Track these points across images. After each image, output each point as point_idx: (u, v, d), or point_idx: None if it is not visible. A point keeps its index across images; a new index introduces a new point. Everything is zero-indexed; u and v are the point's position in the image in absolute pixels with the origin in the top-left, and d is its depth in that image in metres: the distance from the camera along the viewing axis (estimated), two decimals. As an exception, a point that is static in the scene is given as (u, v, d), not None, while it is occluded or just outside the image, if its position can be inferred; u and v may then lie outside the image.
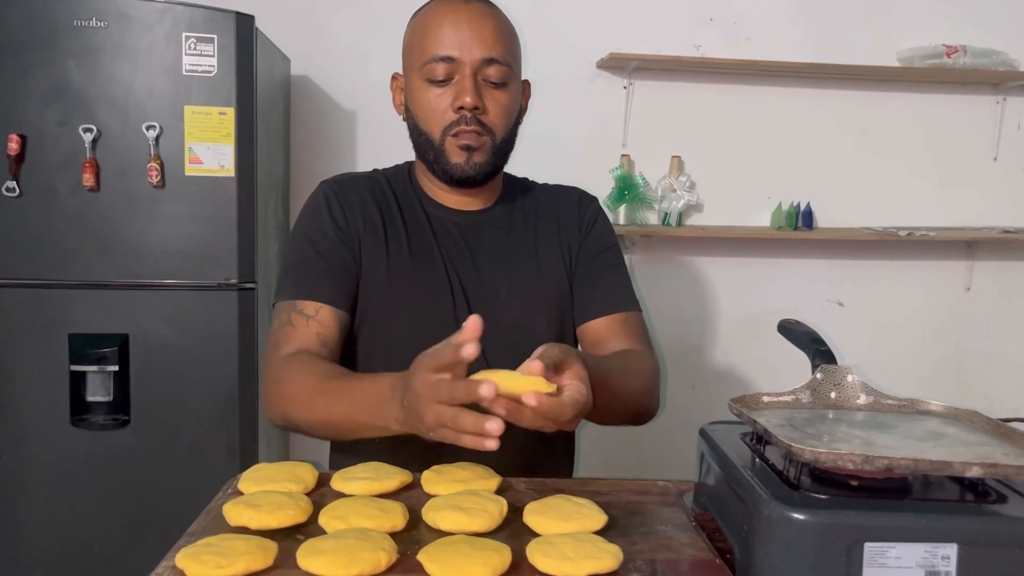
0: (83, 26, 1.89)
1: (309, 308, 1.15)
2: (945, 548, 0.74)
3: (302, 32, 2.52)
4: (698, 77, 2.70)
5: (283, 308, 1.17)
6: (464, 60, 1.14)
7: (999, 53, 2.68)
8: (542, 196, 1.34)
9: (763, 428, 0.86)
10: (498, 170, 1.24)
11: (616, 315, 1.25)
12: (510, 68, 1.18)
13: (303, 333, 1.14)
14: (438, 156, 1.19)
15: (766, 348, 2.73)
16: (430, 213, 1.26)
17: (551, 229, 1.29)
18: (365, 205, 1.23)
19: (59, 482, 1.99)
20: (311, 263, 1.19)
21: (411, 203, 1.26)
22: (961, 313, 2.90)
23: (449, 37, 1.15)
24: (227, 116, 1.95)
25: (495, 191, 1.30)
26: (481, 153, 1.18)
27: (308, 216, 1.24)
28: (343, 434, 1.06)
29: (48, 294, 1.95)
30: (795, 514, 0.75)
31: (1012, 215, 2.85)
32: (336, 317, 1.16)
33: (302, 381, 1.07)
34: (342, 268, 1.19)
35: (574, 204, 1.33)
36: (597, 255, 1.29)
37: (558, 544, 0.80)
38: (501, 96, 1.18)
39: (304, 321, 1.14)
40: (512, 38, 1.21)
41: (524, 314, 1.23)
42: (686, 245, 2.77)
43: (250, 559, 0.76)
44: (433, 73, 1.15)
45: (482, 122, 1.17)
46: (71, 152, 1.91)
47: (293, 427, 1.10)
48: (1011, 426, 0.89)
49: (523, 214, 1.30)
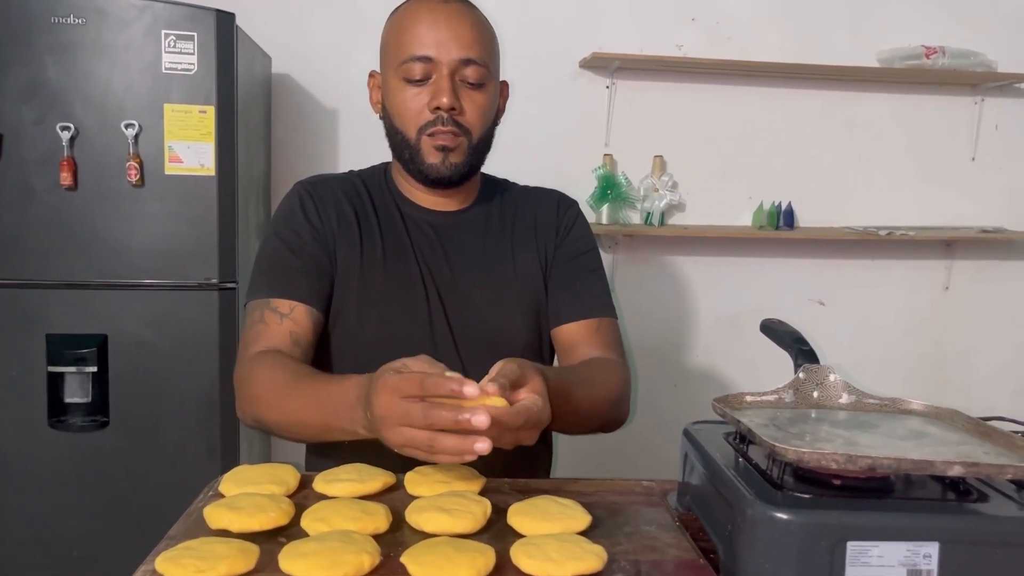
0: (60, 23, 1.87)
1: (283, 306, 1.14)
2: (927, 547, 0.75)
3: (283, 30, 2.51)
4: (680, 77, 2.71)
5: (256, 306, 1.16)
6: (441, 60, 1.14)
7: (977, 54, 2.71)
8: (520, 198, 1.33)
9: (746, 428, 0.86)
10: (474, 171, 1.24)
11: (589, 320, 1.24)
12: (487, 69, 1.17)
13: (276, 331, 1.13)
14: (414, 156, 1.18)
15: (748, 347, 2.75)
16: (405, 213, 1.25)
17: (528, 232, 1.28)
18: (340, 205, 1.22)
19: (36, 484, 1.96)
20: (286, 262, 1.18)
21: (386, 203, 1.26)
22: (940, 312, 2.93)
23: (427, 36, 1.14)
24: (207, 114, 1.93)
25: (472, 192, 1.29)
26: (457, 154, 1.17)
27: (283, 216, 1.23)
28: (313, 436, 1.06)
29: (25, 294, 1.93)
30: (778, 513, 0.75)
31: (990, 215, 2.88)
32: (310, 316, 1.16)
33: (270, 382, 1.06)
34: (316, 268, 1.18)
35: (553, 207, 1.32)
36: (574, 258, 1.28)
37: (542, 545, 0.79)
38: (478, 97, 1.17)
39: (278, 319, 1.14)
40: (490, 39, 1.20)
41: (499, 316, 1.22)
42: (668, 244, 2.78)
43: (231, 563, 0.75)
44: (410, 72, 1.15)
45: (458, 123, 1.16)
46: (48, 150, 1.89)
47: (264, 428, 1.09)
48: (991, 425, 0.90)
49: (500, 216, 1.29)
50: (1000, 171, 2.89)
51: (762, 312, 1.27)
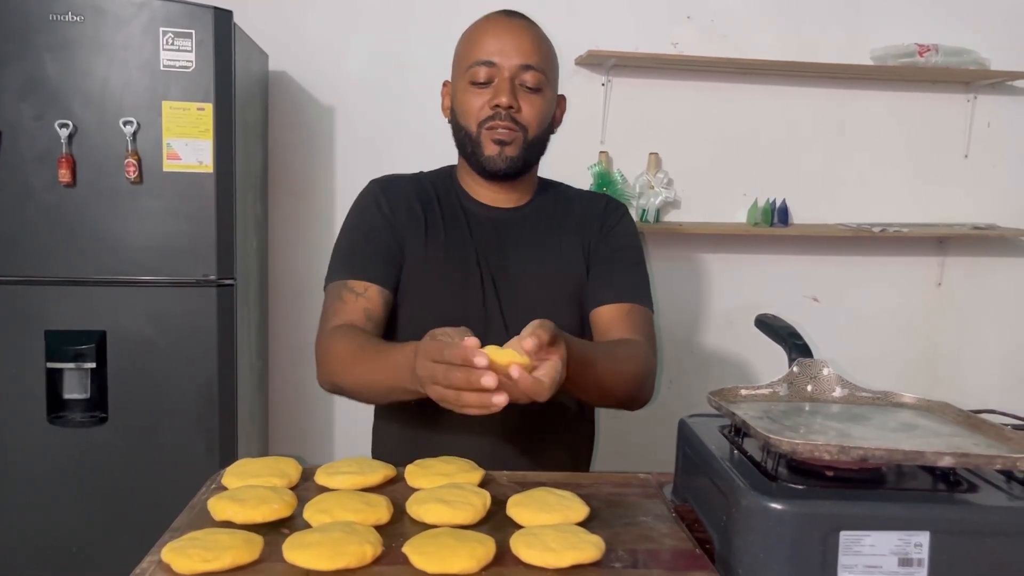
0: (58, 20, 1.87)
1: (358, 286, 1.28)
2: (918, 536, 0.76)
3: (280, 27, 2.51)
4: (675, 74, 2.72)
5: (335, 287, 1.29)
6: (503, 65, 1.27)
7: (970, 52, 2.73)
8: (573, 199, 1.45)
9: (741, 420, 0.87)
10: (529, 166, 1.35)
11: (623, 304, 1.34)
12: (545, 76, 1.30)
13: (352, 308, 1.26)
14: (475, 149, 1.30)
15: (743, 343, 2.77)
16: (467, 209, 1.37)
17: (576, 228, 1.39)
18: (410, 202, 1.35)
19: (36, 480, 1.97)
20: (360, 247, 1.32)
21: (451, 200, 1.38)
22: (933, 308, 2.95)
23: (491, 44, 1.28)
24: (205, 112, 1.94)
25: (528, 191, 1.41)
26: (513, 147, 1.29)
27: (358, 209, 1.37)
28: (382, 396, 1.19)
29: (24, 290, 1.93)
30: (773, 504, 0.76)
31: (982, 212, 2.90)
32: (382, 296, 1.28)
33: (345, 349, 1.19)
34: (387, 253, 1.31)
35: (601, 207, 1.43)
36: (616, 250, 1.39)
37: (541, 535, 0.81)
38: (535, 99, 1.29)
39: (353, 298, 1.27)
40: (549, 52, 1.34)
41: (546, 303, 1.31)
42: (663, 241, 2.79)
43: (236, 553, 0.76)
44: (475, 76, 1.28)
45: (516, 120, 1.28)
46: (47, 147, 1.89)
47: (339, 391, 1.22)
48: (981, 417, 0.91)
49: (552, 213, 1.40)
50: (993, 168, 2.91)
51: (757, 308, 1.29)
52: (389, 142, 2.53)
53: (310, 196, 2.57)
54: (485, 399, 0.89)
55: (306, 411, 2.64)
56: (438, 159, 1.48)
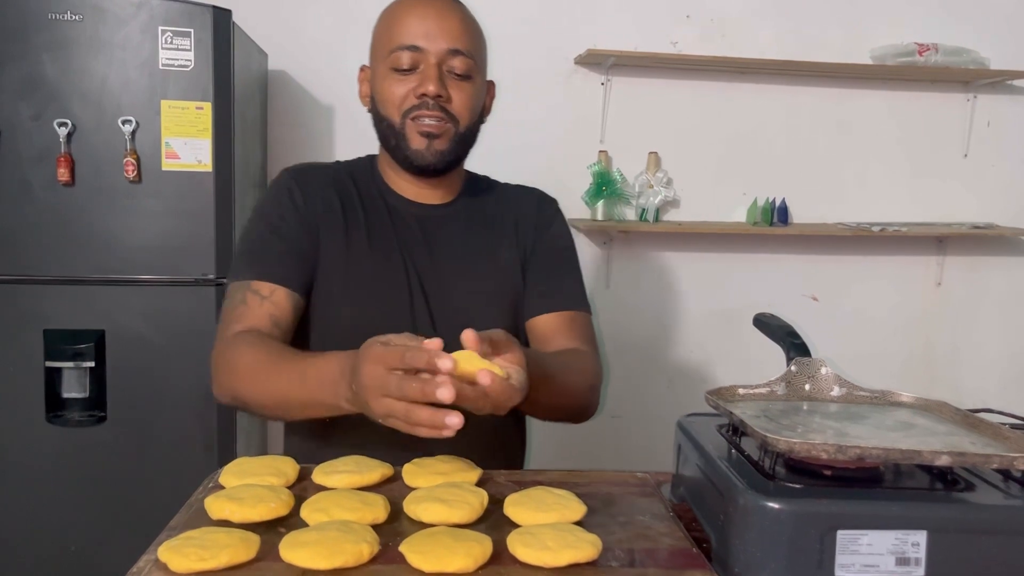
0: (57, 19, 1.87)
1: (264, 288, 1.15)
2: (915, 535, 0.76)
3: (279, 26, 2.51)
4: (675, 74, 2.72)
5: (237, 288, 1.17)
6: (429, 50, 1.16)
7: (970, 51, 2.73)
8: (502, 195, 1.35)
9: (739, 419, 0.87)
10: (459, 160, 1.25)
11: (564, 313, 1.26)
12: (474, 61, 1.19)
13: (256, 313, 1.14)
14: (399, 141, 1.20)
15: (741, 343, 2.76)
16: (390, 205, 1.26)
17: (509, 227, 1.30)
18: (327, 193, 1.24)
19: (34, 479, 1.97)
20: (269, 245, 1.19)
21: (372, 194, 1.27)
22: (932, 307, 2.95)
23: (416, 27, 1.17)
24: (204, 111, 1.94)
25: (456, 186, 1.31)
26: (443, 140, 1.19)
27: (269, 200, 1.25)
28: (292, 412, 1.06)
29: (23, 289, 1.93)
30: (770, 503, 0.76)
31: (981, 211, 2.90)
32: (290, 299, 1.16)
33: (252, 358, 1.07)
34: (299, 251, 1.19)
35: (533, 204, 1.34)
36: (552, 254, 1.31)
37: (538, 534, 0.81)
38: (465, 87, 1.19)
39: (258, 301, 1.14)
40: (478, 35, 1.23)
41: (478, 307, 1.23)
42: (663, 240, 2.79)
43: (233, 551, 0.76)
44: (398, 62, 1.17)
45: (446, 109, 1.18)
46: (45, 146, 1.89)
47: (241, 405, 1.09)
48: (979, 416, 0.91)
49: (482, 211, 1.31)
50: (992, 167, 2.91)
51: (755, 308, 1.29)
52: (388, 141, 2.53)
53: (309, 195, 2.57)
54: (438, 417, 0.80)
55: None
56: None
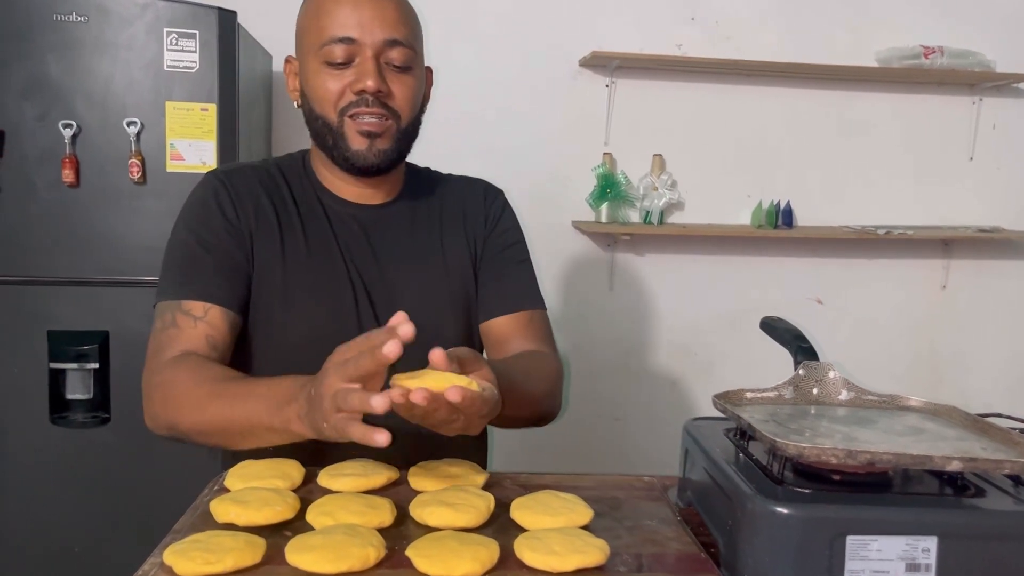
0: (63, 20, 1.87)
1: (197, 309, 1.07)
2: (925, 540, 0.76)
3: (284, 28, 2.49)
4: (679, 76, 2.72)
5: (166, 308, 1.08)
6: (365, 41, 1.08)
7: (975, 54, 2.72)
8: (447, 189, 1.28)
9: (747, 423, 0.87)
10: (402, 158, 1.19)
11: (520, 314, 1.22)
12: (414, 51, 1.12)
13: (190, 335, 1.05)
14: (337, 141, 1.12)
15: (747, 346, 2.75)
16: (328, 207, 1.19)
17: (456, 224, 1.24)
18: (257, 198, 1.15)
19: (38, 480, 1.97)
20: (198, 260, 1.10)
21: (307, 196, 1.19)
22: (937, 311, 2.94)
23: (349, 17, 1.08)
24: (209, 112, 1.94)
25: (397, 183, 1.24)
26: (385, 139, 1.12)
27: (194, 209, 1.15)
28: (236, 440, 0.98)
29: (27, 291, 1.93)
30: (779, 508, 0.76)
31: (987, 214, 2.89)
32: (226, 318, 1.08)
33: (192, 385, 0.99)
34: (232, 266, 1.11)
35: (479, 197, 1.28)
36: (502, 251, 1.25)
37: (545, 539, 0.80)
38: (406, 79, 1.12)
39: (191, 323, 1.06)
40: (415, 21, 1.15)
41: (430, 311, 1.16)
42: (667, 243, 2.79)
43: (238, 555, 0.76)
44: (331, 55, 1.09)
45: (387, 105, 1.11)
46: (50, 147, 1.89)
47: (180, 435, 1.01)
48: (989, 421, 0.91)
49: (427, 208, 1.24)
50: (998, 171, 2.90)
51: (761, 311, 1.28)
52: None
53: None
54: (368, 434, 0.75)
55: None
56: (442, 159, 1.37)
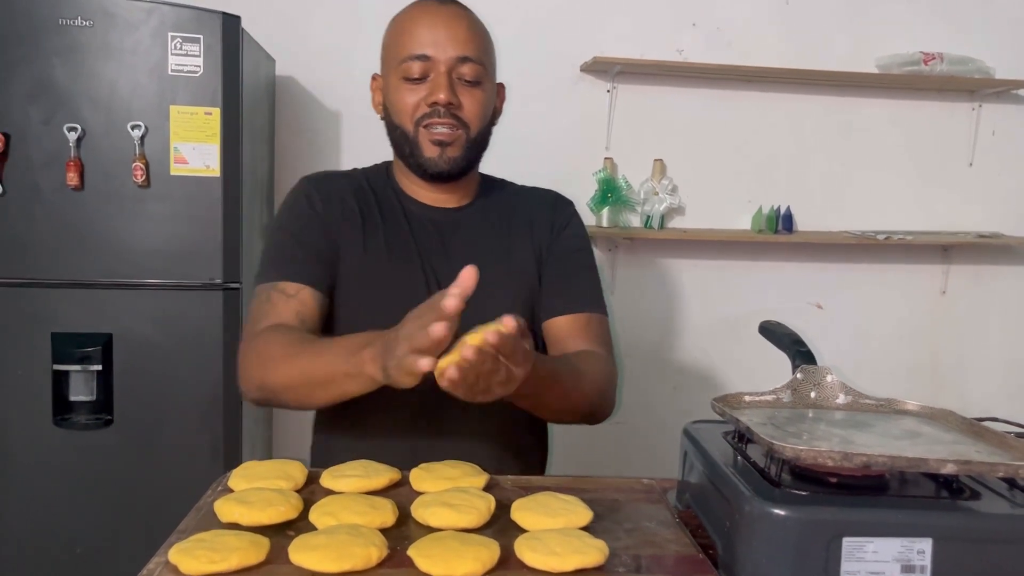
0: (68, 25, 1.89)
1: (290, 288, 1.17)
2: (921, 543, 0.76)
3: (287, 33, 2.52)
4: (680, 81, 2.73)
5: (263, 289, 1.19)
6: (439, 58, 1.18)
7: (975, 61, 2.73)
8: (518, 197, 1.36)
9: (745, 426, 0.88)
10: (472, 165, 1.27)
11: (579, 315, 1.26)
12: (484, 67, 1.21)
13: (281, 310, 1.15)
14: (413, 150, 1.22)
15: (746, 350, 2.76)
16: (407, 209, 1.28)
17: (524, 229, 1.31)
18: (344, 199, 1.26)
19: (41, 482, 1.98)
20: (291, 248, 1.21)
21: (389, 199, 1.29)
22: (937, 316, 2.95)
23: (424, 36, 1.19)
24: (213, 116, 1.95)
25: (471, 189, 1.32)
26: (455, 147, 1.21)
27: (288, 207, 1.27)
28: (318, 392, 1.04)
29: (31, 293, 1.94)
30: (776, 510, 0.77)
31: (987, 220, 2.90)
32: (315, 299, 1.18)
33: (280, 345, 1.08)
34: (320, 254, 1.21)
35: (549, 206, 1.35)
36: (568, 255, 1.31)
37: (545, 539, 0.81)
38: (476, 93, 1.21)
39: (284, 300, 1.16)
40: (486, 40, 1.24)
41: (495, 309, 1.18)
42: (668, 248, 2.80)
43: (243, 554, 0.77)
44: (409, 71, 1.19)
45: (457, 116, 1.20)
46: (55, 151, 1.91)
47: (269, 393, 1.09)
48: (984, 425, 0.92)
49: (498, 213, 1.32)
50: (997, 176, 2.91)
51: (760, 315, 1.29)
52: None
53: (316, 200, 2.58)
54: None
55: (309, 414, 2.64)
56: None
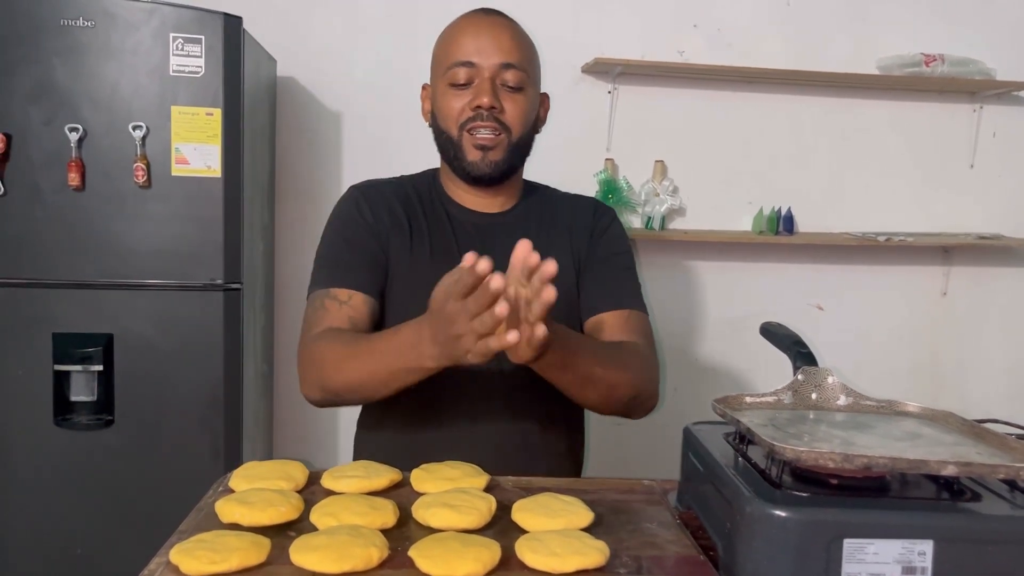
0: (69, 25, 1.89)
1: (342, 295, 1.23)
2: (921, 544, 0.76)
3: (288, 33, 2.53)
4: (682, 83, 2.73)
5: (317, 296, 1.24)
6: (483, 65, 1.24)
7: (976, 62, 2.73)
8: (560, 203, 1.40)
9: (746, 428, 0.88)
10: (514, 169, 1.32)
11: (620, 311, 1.30)
12: (526, 74, 1.27)
13: (335, 315, 1.21)
14: (457, 153, 1.27)
15: (747, 352, 2.77)
16: (451, 214, 1.33)
17: (564, 234, 1.35)
18: (392, 205, 1.31)
19: (42, 482, 1.98)
20: (343, 255, 1.27)
21: (434, 204, 1.34)
22: (937, 317, 2.95)
23: (470, 44, 1.25)
24: (214, 117, 1.95)
25: (514, 194, 1.37)
26: (497, 151, 1.25)
27: (339, 215, 1.33)
28: (379, 388, 1.10)
29: (32, 293, 1.94)
30: (777, 511, 0.77)
31: (988, 221, 2.90)
32: (367, 303, 1.23)
33: (334, 348, 1.14)
34: (371, 260, 1.27)
35: (589, 212, 1.39)
36: (607, 257, 1.35)
37: (546, 540, 0.81)
38: (518, 98, 1.26)
39: (337, 306, 1.22)
40: (529, 49, 1.30)
41: None
42: (669, 249, 2.80)
43: (244, 555, 0.77)
44: (455, 78, 1.25)
45: (499, 120, 1.24)
46: (56, 151, 1.91)
47: (332, 395, 1.15)
48: (985, 427, 0.92)
49: (539, 218, 1.36)
50: (998, 178, 2.91)
51: (761, 316, 1.29)
52: (396, 147, 2.54)
53: (317, 201, 2.58)
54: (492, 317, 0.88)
55: (311, 415, 2.65)
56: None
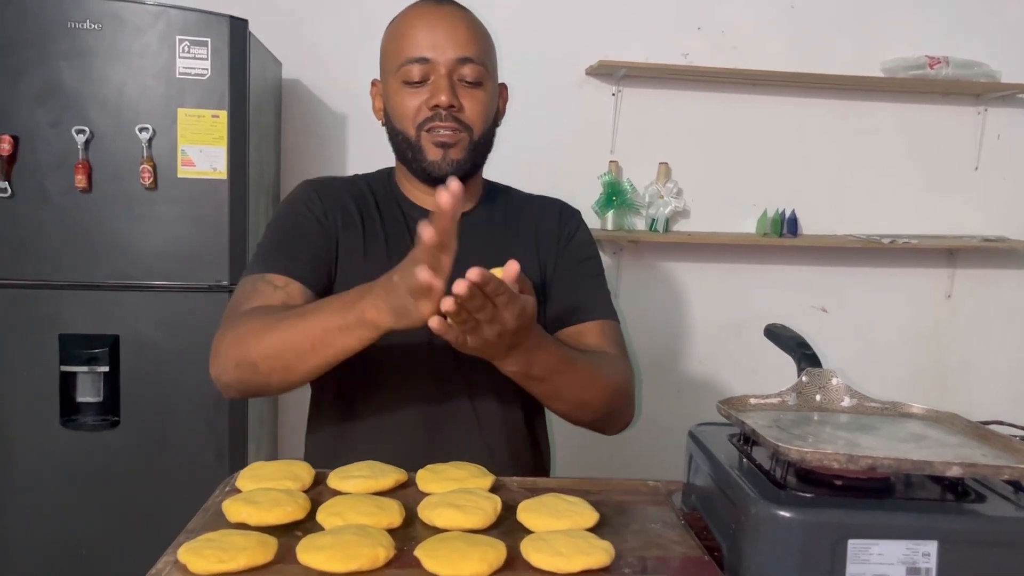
0: (76, 28, 1.90)
1: (278, 280, 1.13)
2: (926, 545, 0.76)
3: (294, 36, 2.54)
4: (686, 85, 2.74)
5: (249, 280, 1.15)
6: (438, 60, 1.16)
7: (981, 64, 2.73)
8: (523, 205, 1.33)
9: (751, 429, 0.88)
10: (476, 168, 1.25)
11: (594, 323, 1.25)
12: (485, 68, 1.19)
13: (267, 297, 1.11)
14: (416, 154, 1.20)
15: (751, 354, 2.76)
16: (408, 215, 1.26)
17: (529, 239, 1.29)
18: (345, 203, 1.24)
19: (48, 483, 1.99)
20: (285, 243, 1.18)
21: (390, 205, 1.27)
22: (942, 319, 2.94)
23: (423, 39, 1.17)
24: (220, 119, 1.96)
25: (474, 195, 1.29)
26: (458, 150, 1.19)
27: (288, 207, 1.24)
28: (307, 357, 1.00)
29: (39, 294, 1.95)
30: (781, 512, 0.77)
31: (992, 224, 2.90)
32: (304, 295, 1.13)
33: (260, 317, 1.04)
34: (315, 254, 1.18)
35: (555, 216, 1.32)
36: (577, 264, 1.29)
37: (551, 540, 0.81)
38: (477, 94, 1.19)
39: (271, 289, 1.12)
40: (486, 40, 1.22)
41: None
42: (673, 251, 2.80)
43: (251, 554, 0.77)
44: (409, 75, 1.17)
45: (459, 119, 1.18)
46: (63, 153, 1.92)
47: (248, 369, 1.04)
48: (990, 428, 0.92)
49: (503, 221, 1.30)
50: (1003, 180, 2.91)
51: (765, 319, 1.29)
52: (400, 150, 2.55)
53: (322, 203, 2.59)
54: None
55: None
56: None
